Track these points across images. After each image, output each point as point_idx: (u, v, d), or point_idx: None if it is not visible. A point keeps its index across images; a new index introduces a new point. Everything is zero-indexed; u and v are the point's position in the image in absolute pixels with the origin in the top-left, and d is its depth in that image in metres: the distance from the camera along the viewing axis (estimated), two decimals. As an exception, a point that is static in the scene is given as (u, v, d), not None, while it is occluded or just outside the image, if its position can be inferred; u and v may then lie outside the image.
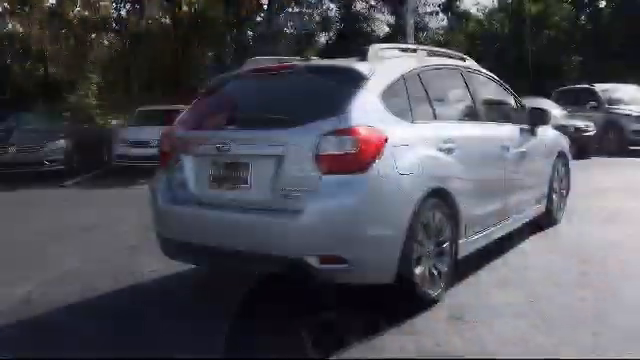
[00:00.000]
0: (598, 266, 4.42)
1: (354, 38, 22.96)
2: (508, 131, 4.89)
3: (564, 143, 6.10)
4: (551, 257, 4.73)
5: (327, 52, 21.89)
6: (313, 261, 3.19)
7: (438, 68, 4.29)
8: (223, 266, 3.88)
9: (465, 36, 24.16)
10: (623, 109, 14.00)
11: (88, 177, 12.54)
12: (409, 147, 3.49)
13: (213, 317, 3.64)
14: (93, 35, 22.21)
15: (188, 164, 3.78)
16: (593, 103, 14.52)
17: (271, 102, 3.71)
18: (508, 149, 4.70)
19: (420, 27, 21.63)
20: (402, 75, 3.77)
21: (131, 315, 3.82)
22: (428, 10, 23.15)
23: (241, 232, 3.45)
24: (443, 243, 3.77)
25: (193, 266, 4.47)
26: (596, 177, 9.16)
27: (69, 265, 5.04)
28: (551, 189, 5.70)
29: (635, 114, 13.62)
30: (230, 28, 21.20)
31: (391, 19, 24.60)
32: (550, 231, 5.61)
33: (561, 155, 5.95)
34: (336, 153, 3.20)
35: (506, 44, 21.67)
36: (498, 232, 4.63)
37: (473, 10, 25.54)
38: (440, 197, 3.69)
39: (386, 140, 3.31)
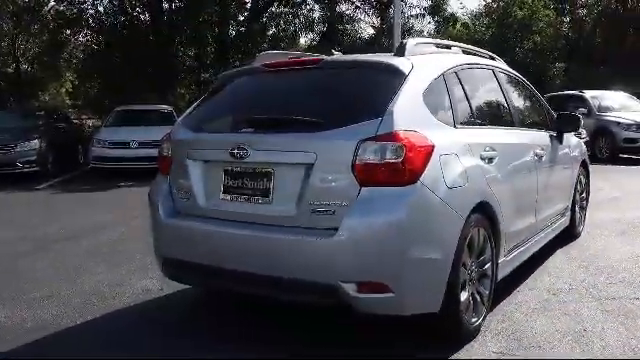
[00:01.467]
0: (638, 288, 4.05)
1: (337, 39, 22.55)
2: (539, 138, 4.49)
3: (585, 151, 5.74)
4: (585, 276, 4.32)
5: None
6: (349, 289, 2.71)
7: (473, 67, 3.86)
8: (237, 292, 3.35)
9: (449, 39, 23.93)
10: (614, 116, 13.84)
11: (63, 180, 11.83)
12: (456, 156, 3.05)
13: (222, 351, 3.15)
14: (68, 31, 21.26)
15: (195, 172, 3.26)
16: (583, 110, 14.31)
17: (295, 102, 3.21)
18: (540, 158, 4.29)
19: (405, 30, 21.30)
20: (442, 73, 3.32)
21: (125, 347, 3.29)
22: (414, 13, 22.92)
23: (260, 253, 2.94)
24: (485, 264, 3.34)
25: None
26: (597, 186, 8.83)
27: (51, 282, 4.45)
28: (574, 201, 5.33)
29: (626, 122, 13.46)
30: (212, 26, 20.56)
31: (376, 21, 24.27)
32: (574, 246, 5.23)
33: (583, 165, 5.59)
34: (378, 162, 2.73)
35: (491, 49, 21.46)
36: (531, 249, 4.22)
37: (459, 13, 25.42)
38: (483, 212, 3.25)
39: (433, 147, 2.86)
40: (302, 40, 24.62)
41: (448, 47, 3.81)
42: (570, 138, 5.28)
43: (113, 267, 4.86)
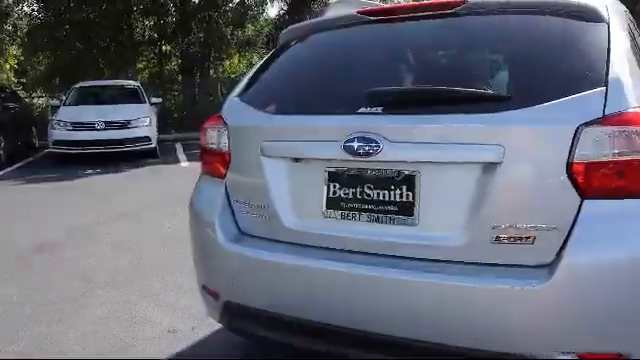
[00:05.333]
0: None
1: (308, 6, 21.20)
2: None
3: None
4: None
5: (279, 24, 20.05)
6: (569, 364, 1.69)
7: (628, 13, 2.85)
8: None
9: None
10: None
11: (19, 167, 10.35)
12: None
13: None
14: (10, 0, 19.16)
15: (275, 174, 2.13)
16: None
17: (443, 65, 2.11)
18: None
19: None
20: (626, 21, 2.30)
21: None
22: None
23: (402, 305, 1.86)
24: None
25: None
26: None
27: (35, 322, 3.25)
28: None
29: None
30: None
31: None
32: None
33: None
34: (613, 159, 1.69)
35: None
36: None
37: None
38: None
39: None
40: (271, 11, 23.15)
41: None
42: None
43: (117, 294, 3.68)
